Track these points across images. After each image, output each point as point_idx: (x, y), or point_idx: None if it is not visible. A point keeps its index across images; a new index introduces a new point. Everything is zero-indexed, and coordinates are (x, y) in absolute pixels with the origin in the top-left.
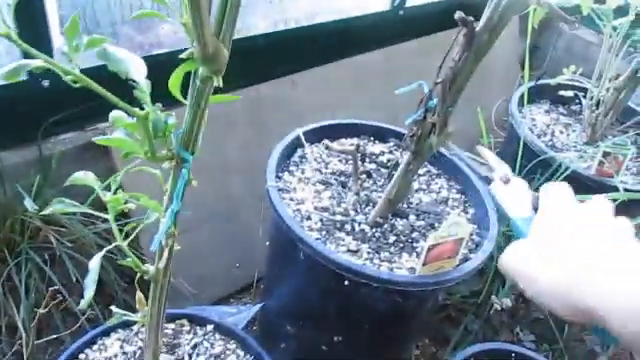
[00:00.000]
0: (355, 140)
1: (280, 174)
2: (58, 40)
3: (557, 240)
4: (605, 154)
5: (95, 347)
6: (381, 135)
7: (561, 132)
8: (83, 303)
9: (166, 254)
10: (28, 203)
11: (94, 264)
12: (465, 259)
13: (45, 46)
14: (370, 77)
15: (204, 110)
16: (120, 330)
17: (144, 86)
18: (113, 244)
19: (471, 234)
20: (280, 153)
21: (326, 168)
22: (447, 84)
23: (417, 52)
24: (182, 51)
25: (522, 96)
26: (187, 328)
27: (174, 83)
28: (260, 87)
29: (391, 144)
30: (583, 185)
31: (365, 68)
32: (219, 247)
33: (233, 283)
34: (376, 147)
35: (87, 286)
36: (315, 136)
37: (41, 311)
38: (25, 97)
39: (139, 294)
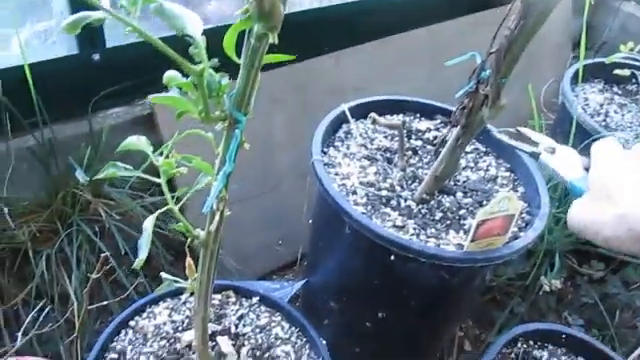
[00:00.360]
0: (401, 117)
1: (325, 149)
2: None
3: (614, 183)
4: None
5: (144, 315)
6: (427, 112)
7: (615, 112)
8: (137, 263)
9: (217, 218)
10: (79, 174)
11: (148, 224)
12: (515, 237)
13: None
14: (414, 55)
15: (258, 70)
16: (169, 299)
17: (200, 42)
18: (165, 207)
19: (521, 212)
20: (325, 128)
21: (371, 144)
22: (502, 53)
23: (462, 30)
24: (228, 26)
25: (575, 75)
26: (233, 299)
27: (229, 42)
28: (304, 64)
29: (437, 121)
30: None
31: (409, 46)
32: (263, 223)
33: (275, 260)
34: (422, 124)
35: (141, 246)
36: (360, 112)
37: (93, 276)
38: (76, 71)
39: (189, 260)
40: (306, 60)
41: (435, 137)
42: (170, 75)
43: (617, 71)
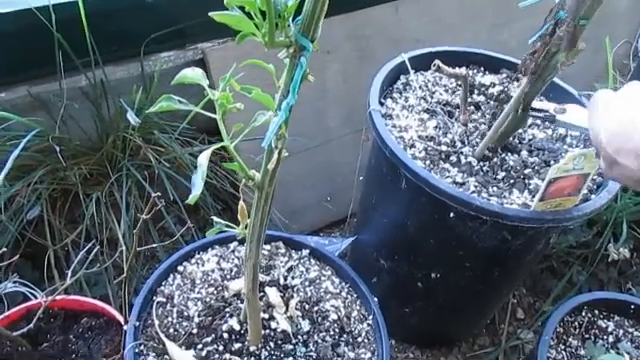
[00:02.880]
0: (464, 70)
1: (382, 100)
2: None
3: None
4: None
5: (193, 260)
6: (492, 65)
7: None
8: (191, 198)
9: (276, 156)
10: (131, 116)
11: (203, 159)
12: (585, 200)
13: None
14: (477, 8)
15: None
16: (217, 247)
17: None
18: (220, 143)
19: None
20: (383, 78)
21: (431, 97)
22: None
23: None
24: None
25: None
26: (282, 251)
27: None
28: (361, 12)
29: (503, 76)
30: None
31: None
32: (312, 179)
33: (324, 216)
34: (486, 78)
35: (195, 182)
36: (421, 63)
37: (143, 217)
38: (129, 12)
39: (242, 203)
40: (364, 8)
41: (500, 92)
42: None
43: None
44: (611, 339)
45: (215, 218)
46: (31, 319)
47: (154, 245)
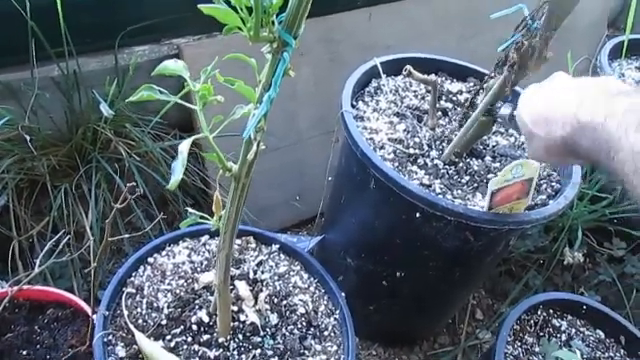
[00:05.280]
0: (433, 76)
1: (354, 103)
2: None
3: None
4: None
5: (164, 252)
6: (460, 73)
7: None
8: (172, 183)
9: (254, 148)
10: (104, 108)
11: (184, 147)
12: (544, 204)
13: None
14: (448, 17)
15: None
16: (188, 239)
17: None
18: (200, 135)
19: (551, 180)
20: (356, 81)
21: (401, 102)
22: (555, 3)
23: None
24: None
25: (613, 50)
26: (253, 245)
27: None
28: (335, 17)
29: (470, 84)
30: None
31: (444, 7)
32: (282, 178)
33: (292, 215)
34: (454, 86)
35: (175, 169)
36: (392, 68)
37: (117, 206)
38: (105, 4)
39: (217, 194)
40: (338, 13)
41: (466, 100)
42: None
43: None
44: (564, 337)
45: (190, 209)
46: None
47: (124, 236)
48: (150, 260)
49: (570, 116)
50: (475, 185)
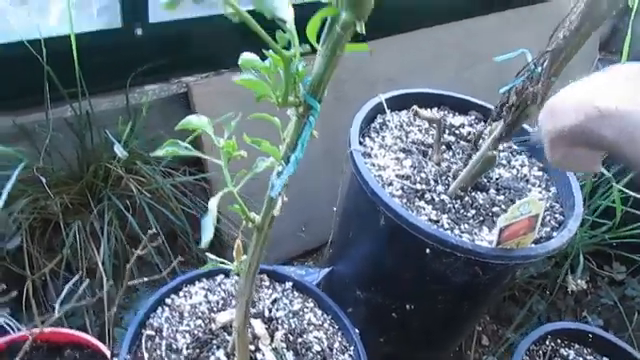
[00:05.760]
0: (435, 110)
1: (361, 139)
2: None
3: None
4: None
5: (181, 293)
6: (462, 107)
7: None
8: (204, 242)
9: (280, 202)
10: (118, 149)
11: (213, 205)
12: (548, 237)
13: None
14: (447, 50)
15: (338, 58)
16: (204, 279)
17: (292, 26)
18: (226, 189)
19: (554, 212)
20: (363, 118)
21: (406, 137)
22: (558, 53)
23: (499, 26)
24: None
25: None
26: (267, 283)
27: (312, 28)
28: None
29: (472, 117)
30: None
31: (444, 40)
32: (288, 209)
33: (298, 246)
34: (456, 119)
35: (205, 227)
36: (396, 103)
37: (139, 252)
38: (118, 45)
39: (239, 242)
40: None
41: (469, 133)
42: (247, 58)
43: None
44: None
45: (209, 255)
46: (13, 351)
47: (143, 279)
48: (168, 301)
49: (586, 104)
50: (481, 219)
